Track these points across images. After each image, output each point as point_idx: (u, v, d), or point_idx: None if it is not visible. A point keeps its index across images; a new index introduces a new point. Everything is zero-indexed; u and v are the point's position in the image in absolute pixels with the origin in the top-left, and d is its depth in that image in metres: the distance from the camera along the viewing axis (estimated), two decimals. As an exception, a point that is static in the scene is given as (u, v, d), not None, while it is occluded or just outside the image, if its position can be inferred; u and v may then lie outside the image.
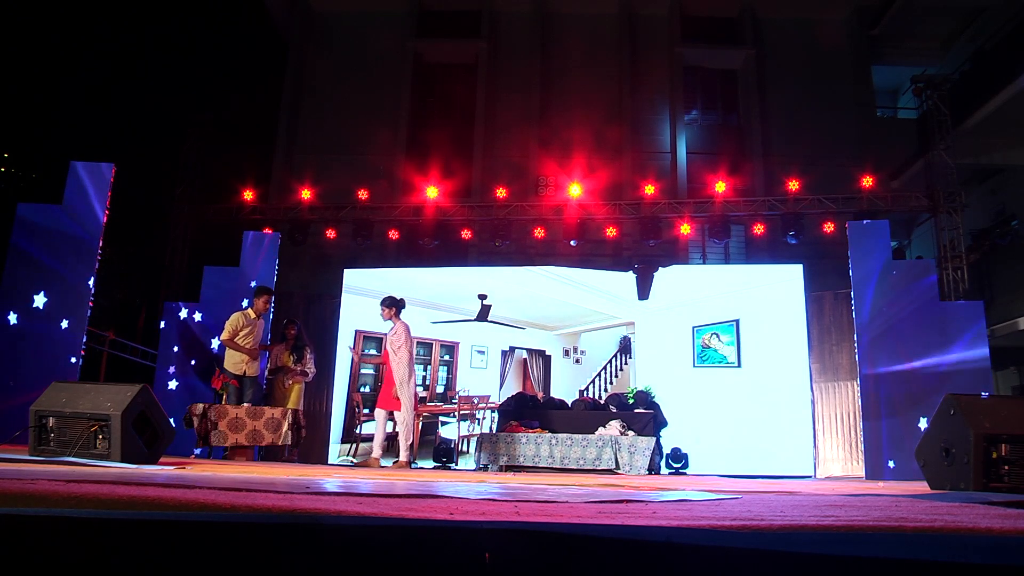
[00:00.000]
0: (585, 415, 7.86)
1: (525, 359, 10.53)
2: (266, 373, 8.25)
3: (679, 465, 8.66)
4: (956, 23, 14.07)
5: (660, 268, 10.35)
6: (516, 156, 13.27)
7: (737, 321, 9.85)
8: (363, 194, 11.17)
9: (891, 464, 7.92)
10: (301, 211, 11.06)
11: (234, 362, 7.60)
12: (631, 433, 7.37)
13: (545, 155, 13.06)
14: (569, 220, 10.81)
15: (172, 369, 9.06)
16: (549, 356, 10.51)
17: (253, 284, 9.19)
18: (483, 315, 10.51)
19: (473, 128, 13.59)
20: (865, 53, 13.92)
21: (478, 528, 1.13)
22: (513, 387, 10.12)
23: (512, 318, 10.55)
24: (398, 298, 7.39)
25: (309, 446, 9.35)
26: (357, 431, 10.15)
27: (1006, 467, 3.80)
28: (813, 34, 13.83)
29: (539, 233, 11.07)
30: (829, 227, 10.38)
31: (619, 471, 7.02)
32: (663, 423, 7.80)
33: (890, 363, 8.28)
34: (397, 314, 7.33)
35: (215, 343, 9.14)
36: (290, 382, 7.92)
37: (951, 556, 0.93)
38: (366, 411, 10.26)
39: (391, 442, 10.24)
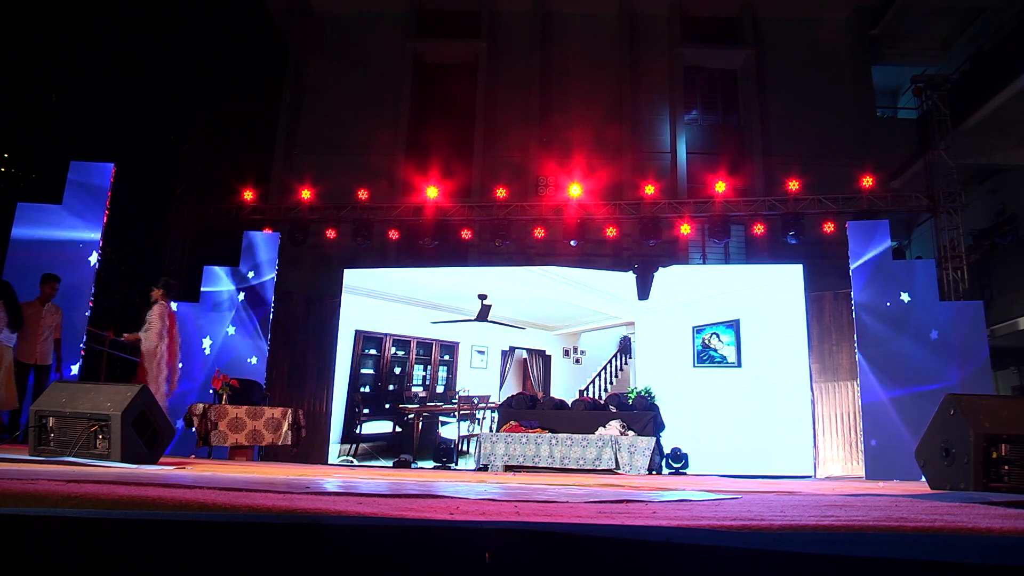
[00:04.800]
0: (585, 415, 7.86)
1: (525, 359, 10.52)
2: None
3: (679, 465, 8.66)
4: (956, 23, 14.06)
5: (660, 268, 10.35)
6: (516, 156, 13.26)
7: (737, 321, 9.85)
8: (363, 194, 11.17)
9: (877, 462, 7.92)
10: (301, 211, 11.06)
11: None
12: (631, 433, 7.37)
13: (545, 155, 13.06)
14: (569, 220, 10.81)
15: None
16: (549, 356, 10.51)
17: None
18: (483, 315, 10.51)
19: (473, 128, 13.58)
20: (865, 53, 13.90)
21: (478, 528, 1.13)
22: (513, 387, 10.12)
23: (512, 318, 10.55)
24: (172, 280, 7.40)
25: (309, 446, 9.36)
26: (357, 431, 10.15)
27: (1006, 467, 3.80)
28: (813, 34, 13.81)
29: (539, 233, 11.07)
30: (829, 227, 10.38)
31: (619, 471, 7.02)
32: (662, 426, 7.80)
33: (890, 363, 8.29)
34: (164, 295, 7.18)
35: (206, 343, 9.20)
36: None
37: (951, 556, 0.93)
38: (366, 411, 10.27)
39: (390, 442, 10.27)
